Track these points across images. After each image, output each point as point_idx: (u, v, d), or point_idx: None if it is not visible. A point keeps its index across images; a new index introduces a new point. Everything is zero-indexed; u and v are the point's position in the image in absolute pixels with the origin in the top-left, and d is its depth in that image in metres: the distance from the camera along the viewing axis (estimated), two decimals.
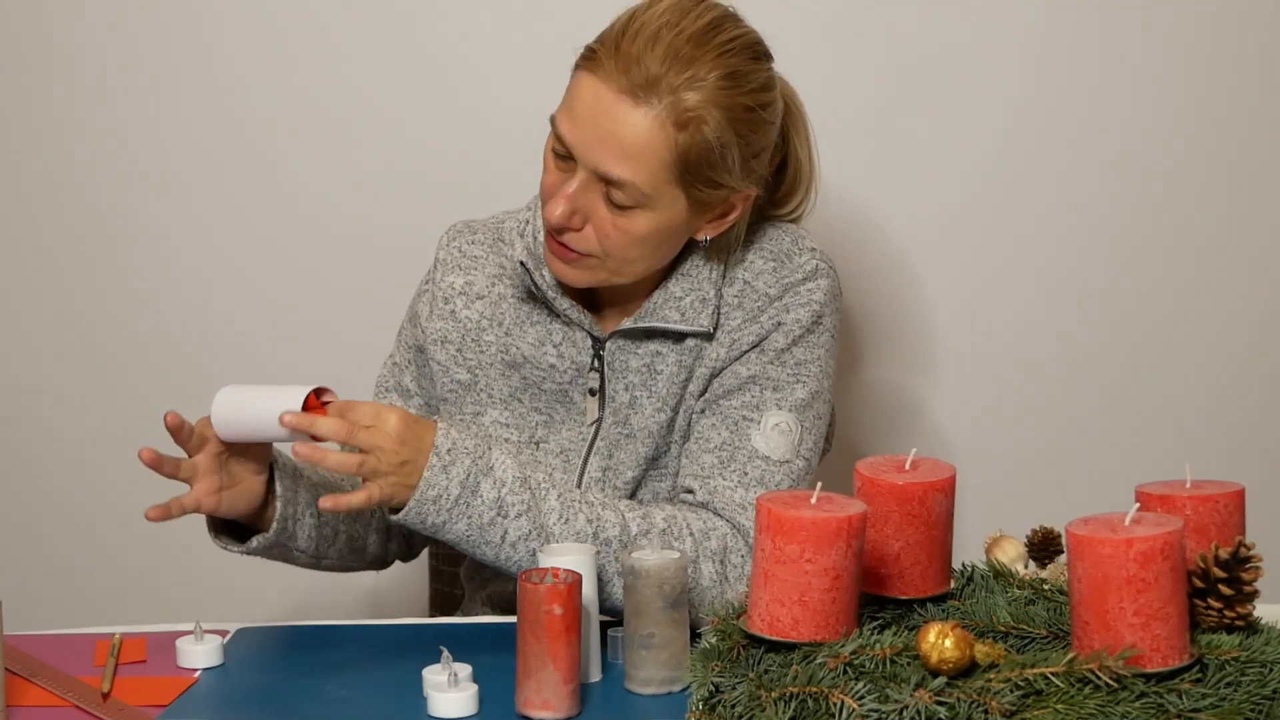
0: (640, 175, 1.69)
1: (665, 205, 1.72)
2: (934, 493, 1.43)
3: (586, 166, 1.71)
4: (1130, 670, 1.27)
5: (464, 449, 1.67)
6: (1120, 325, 2.48)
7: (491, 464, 1.68)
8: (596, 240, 1.74)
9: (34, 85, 2.49)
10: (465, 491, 1.66)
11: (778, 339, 1.81)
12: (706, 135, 1.69)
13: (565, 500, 1.71)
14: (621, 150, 1.68)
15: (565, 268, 1.78)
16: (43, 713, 1.60)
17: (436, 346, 1.90)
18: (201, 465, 1.70)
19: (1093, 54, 2.42)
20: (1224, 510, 1.43)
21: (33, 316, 2.56)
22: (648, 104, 1.68)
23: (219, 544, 1.77)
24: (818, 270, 1.83)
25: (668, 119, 1.68)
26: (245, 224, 2.51)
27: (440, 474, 1.65)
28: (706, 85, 1.69)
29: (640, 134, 1.68)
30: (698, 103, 1.68)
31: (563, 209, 1.72)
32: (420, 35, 2.44)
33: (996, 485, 2.46)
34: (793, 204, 1.90)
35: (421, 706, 1.57)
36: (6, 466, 2.60)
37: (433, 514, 1.66)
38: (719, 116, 1.70)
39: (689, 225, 1.77)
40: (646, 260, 1.78)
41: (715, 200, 1.75)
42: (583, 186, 1.72)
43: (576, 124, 1.71)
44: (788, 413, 1.80)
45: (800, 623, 1.35)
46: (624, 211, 1.72)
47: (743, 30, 1.75)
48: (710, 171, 1.72)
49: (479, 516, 1.67)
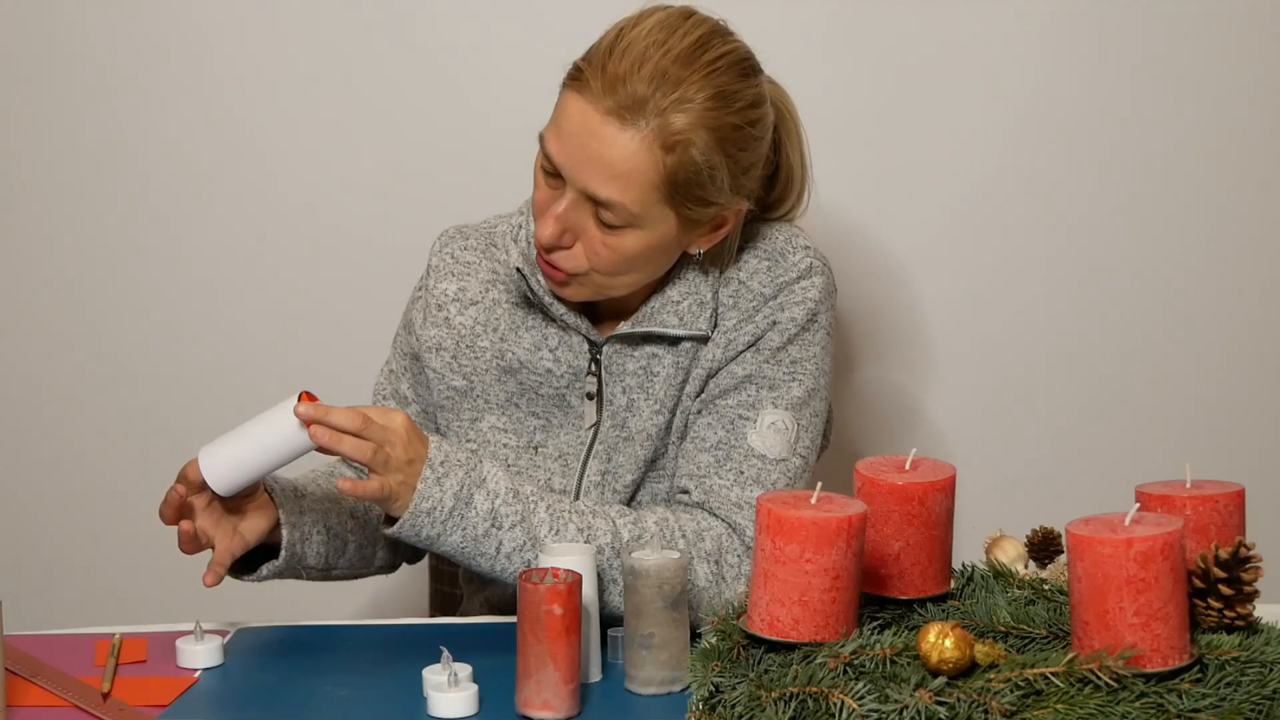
0: (628, 196, 1.68)
1: (654, 224, 1.72)
2: (934, 493, 1.43)
3: (575, 186, 1.70)
4: (1130, 670, 1.27)
5: (456, 461, 1.67)
6: (1120, 325, 2.48)
7: (484, 476, 1.68)
8: (586, 259, 1.74)
9: (34, 86, 2.49)
10: (459, 503, 1.66)
11: (773, 337, 1.81)
12: (694, 156, 1.68)
13: (554, 512, 1.71)
14: (609, 171, 1.68)
15: (559, 287, 1.78)
16: (43, 713, 1.60)
17: (431, 354, 1.90)
18: (207, 524, 1.70)
19: (1087, 57, 2.42)
20: (1224, 510, 1.43)
21: (32, 316, 2.56)
22: (634, 126, 1.67)
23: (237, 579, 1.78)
24: (812, 268, 1.83)
25: (655, 141, 1.67)
26: (244, 224, 2.51)
27: (434, 486, 1.65)
28: (694, 106, 1.68)
29: (627, 156, 1.67)
30: (685, 125, 1.67)
31: (552, 229, 1.72)
32: (418, 36, 2.44)
33: (996, 485, 2.46)
34: (784, 207, 1.90)
35: (421, 706, 1.57)
36: (6, 466, 2.60)
37: (427, 526, 1.66)
38: (707, 137, 1.69)
39: (680, 241, 1.77)
40: (637, 275, 1.77)
41: (705, 217, 1.75)
42: (572, 205, 1.71)
43: (564, 144, 1.70)
44: (784, 411, 1.80)
45: (800, 623, 1.35)
46: (614, 231, 1.71)
47: (731, 46, 1.73)
48: (699, 191, 1.71)
49: (473, 528, 1.67)
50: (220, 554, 1.70)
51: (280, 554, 1.75)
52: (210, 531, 1.70)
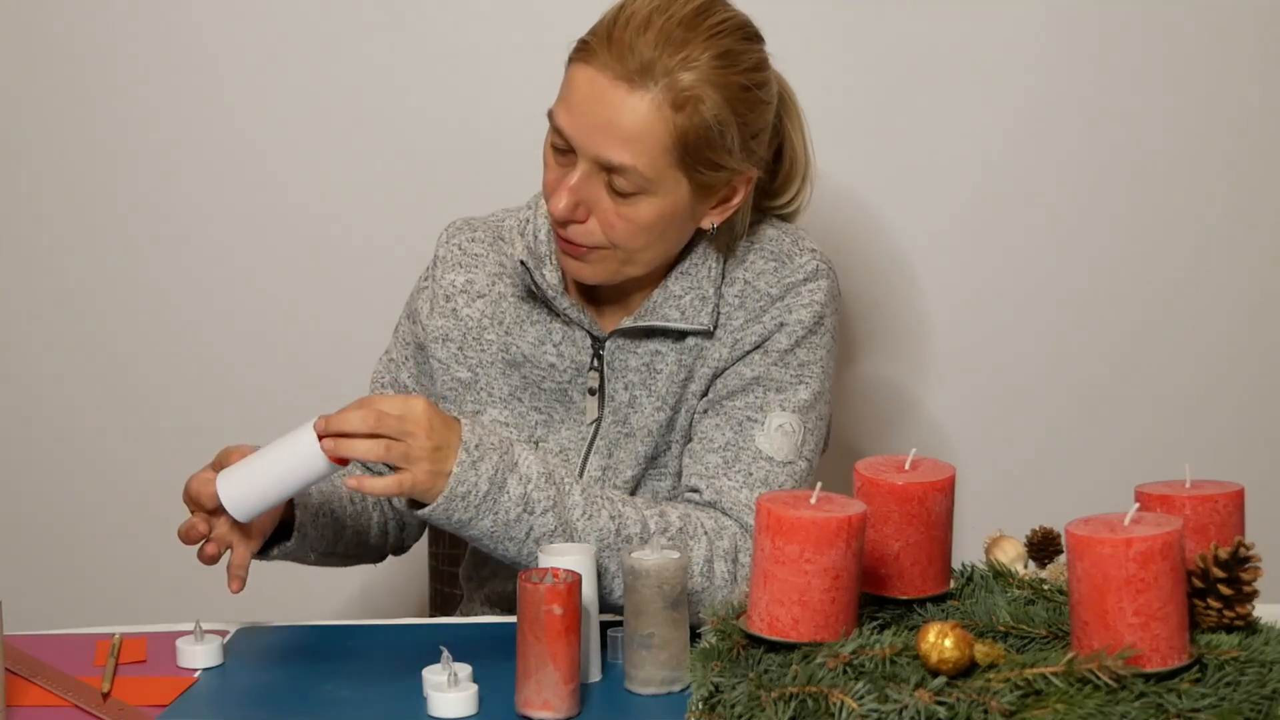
0: (641, 160, 1.69)
1: (668, 190, 1.73)
2: (934, 493, 1.43)
3: (587, 156, 1.71)
4: (1130, 670, 1.27)
5: (491, 445, 1.66)
6: (1121, 325, 2.48)
7: (516, 460, 1.68)
8: (602, 232, 1.74)
9: (34, 86, 2.49)
10: (494, 488, 1.65)
11: (781, 340, 1.81)
12: (704, 115, 1.70)
13: (589, 496, 1.71)
14: (621, 136, 1.69)
15: (578, 265, 1.78)
16: (43, 713, 1.60)
17: (437, 344, 1.90)
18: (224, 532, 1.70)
19: (1089, 56, 2.42)
20: (1223, 510, 1.43)
21: (32, 316, 2.56)
22: (644, 88, 1.68)
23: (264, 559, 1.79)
24: (818, 271, 1.84)
25: (664, 101, 1.68)
26: (242, 222, 2.51)
27: (470, 469, 1.64)
28: (700, 65, 1.69)
29: (638, 118, 1.68)
30: (693, 82, 1.69)
31: (566, 201, 1.72)
32: (420, 31, 2.44)
33: (996, 485, 2.47)
34: (789, 194, 1.90)
35: (421, 706, 1.57)
36: (6, 466, 2.60)
37: (460, 510, 1.65)
38: (715, 96, 1.70)
39: (693, 211, 1.77)
40: (654, 249, 1.77)
41: (718, 183, 1.75)
42: (584, 178, 1.72)
43: (574, 115, 1.71)
44: (791, 414, 1.80)
45: (800, 623, 1.35)
46: (627, 199, 1.72)
47: (732, 13, 1.76)
48: (710, 153, 1.72)
49: (505, 513, 1.67)
50: (239, 558, 1.71)
51: (292, 535, 1.77)
52: (227, 538, 1.71)
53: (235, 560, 1.71)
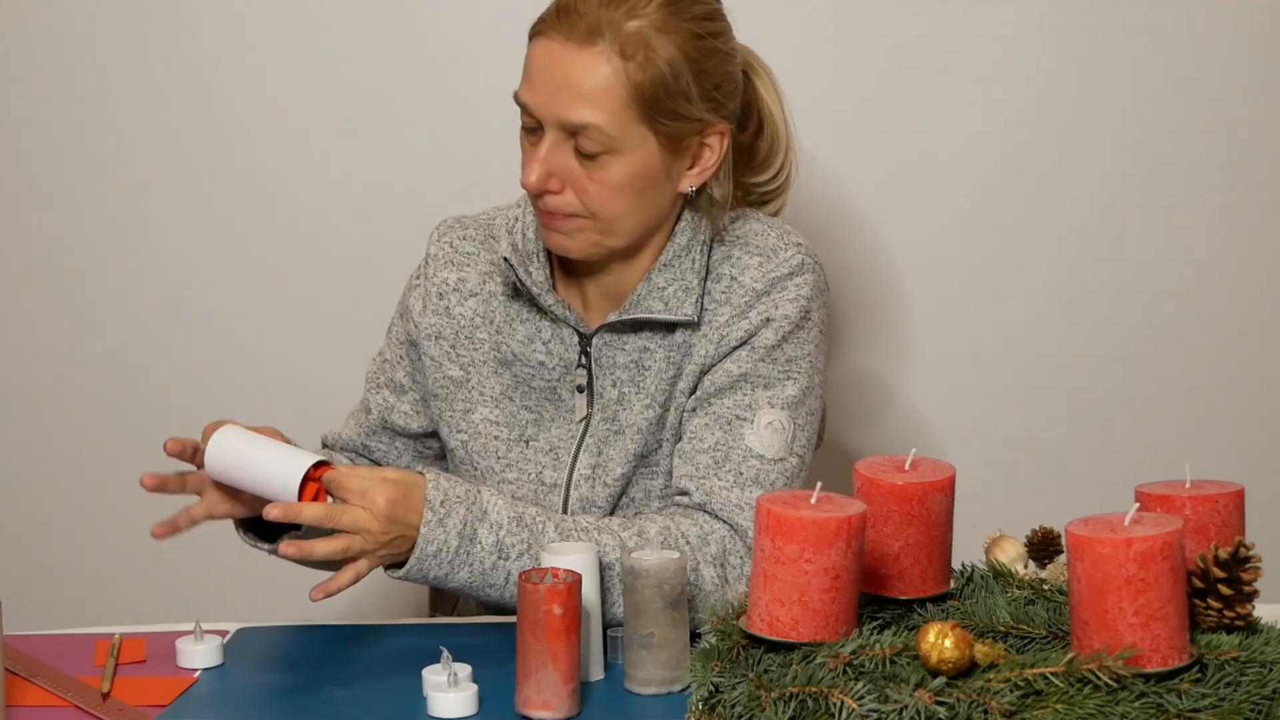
0: (600, 115, 1.71)
1: (634, 147, 1.73)
2: (934, 493, 1.43)
3: (550, 123, 1.73)
4: (1130, 670, 1.27)
5: (456, 498, 1.67)
6: (1121, 325, 2.48)
7: (485, 508, 1.68)
8: (577, 199, 1.75)
9: (34, 86, 2.49)
10: (464, 541, 1.67)
11: (767, 335, 1.81)
12: (656, 63, 1.71)
13: (563, 531, 1.71)
14: (578, 94, 1.71)
15: (560, 238, 1.79)
16: (43, 713, 1.60)
17: (430, 342, 1.90)
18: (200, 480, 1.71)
19: (1087, 57, 2.42)
20: (1224, 510, 1.43)
21: (32, 316, 2.56)
22: (593, 44, 1.71)
23: (246, 540, 1.79)
24: (804, 265, 1.83)
25: (614, 53, 1.71)
26: (241, 222, 2.51)
27: (437, 528, 1.65)
28: (648, 14, 1.72)
29: (592, 74, 1.71)
30: (639, 28, 1.71)
31: (538, 172, 1.74)
32: (417, 30, 2.44)
33: (996, 485, 2.46)
34: (773, 168, 1.91)
35: (421, 706, 1.57)
36: (6, 466, 2.60)
37: (434, 568, 1.66)
38: (664, 42, 1.72)
39: (668, 172, 1.78)
40: (632, 216, 1.78)
41: (684, 134, 1.76)
42: (553, 147, 1.74)
43: (534, 87, 1.74)
44: (780, 410, 1.80)
45: (800, 623, 1.35)
46: (595, 160, 1.73)
47: None
48: (670, 102, 1.73)
49: (480, 563, 1.68)
50: (198, 511, 1.71)
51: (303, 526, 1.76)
52: (209, 486, 1.71)
53: (193, 510, 1.71)
